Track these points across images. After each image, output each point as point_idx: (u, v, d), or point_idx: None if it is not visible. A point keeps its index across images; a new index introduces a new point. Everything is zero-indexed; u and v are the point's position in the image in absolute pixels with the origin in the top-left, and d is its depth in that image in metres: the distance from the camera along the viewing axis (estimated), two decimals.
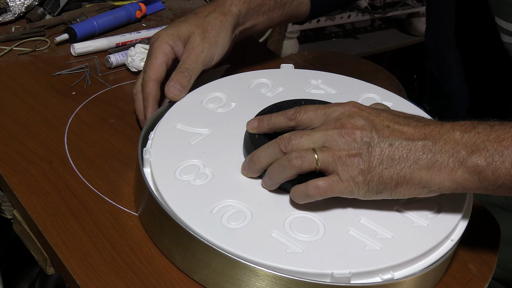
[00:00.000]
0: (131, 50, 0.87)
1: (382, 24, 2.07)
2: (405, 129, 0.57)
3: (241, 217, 0.58)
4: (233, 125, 0.69)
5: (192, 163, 0.64)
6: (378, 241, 0.57)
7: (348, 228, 0.58)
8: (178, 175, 0.62)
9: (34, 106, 0.79)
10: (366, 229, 0.58)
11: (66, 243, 0.60)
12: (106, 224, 0.63)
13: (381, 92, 0.77)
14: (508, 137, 0.54)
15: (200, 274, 0.57)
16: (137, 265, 0.59)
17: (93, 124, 0.78)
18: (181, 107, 0.72)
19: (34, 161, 0.70)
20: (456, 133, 0.55)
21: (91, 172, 0.70)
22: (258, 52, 1.01)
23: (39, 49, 0.91)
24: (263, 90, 0.75)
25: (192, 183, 0.61)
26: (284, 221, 0.58)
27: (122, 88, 0.86)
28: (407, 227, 0.59)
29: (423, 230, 0.58)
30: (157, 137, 0.67)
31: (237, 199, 0.60)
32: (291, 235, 0.57)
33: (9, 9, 0.94)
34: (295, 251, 0.55)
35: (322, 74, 0.79)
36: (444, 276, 0.63)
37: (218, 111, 0.71)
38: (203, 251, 0.55)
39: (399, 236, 0.58)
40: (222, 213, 0.58)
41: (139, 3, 1.02)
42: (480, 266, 0.65)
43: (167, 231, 0.58)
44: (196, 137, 0.67)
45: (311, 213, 0.59)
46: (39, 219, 0.63)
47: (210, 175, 0.62)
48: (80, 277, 0.57)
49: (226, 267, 0.54)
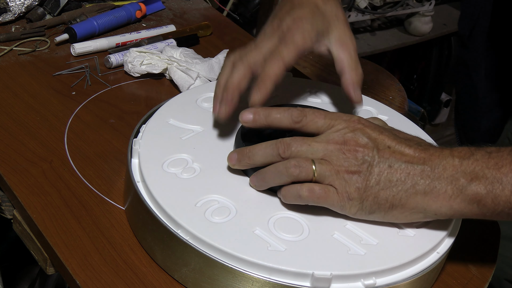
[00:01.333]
0: (128, 57, 0.87)
1: (382, 24, 2.07)
2: (406, 151, 0.56)
3: (225, 212, 0.57)
4: (226, 124, 0.68)
5: (181, 157, 0.64)
6: (362, 247, 0.56)
7: (333, 232, 0.57)
8: (165, 167, 0.62)
9: (34, 106, 0.79)
10: (351, 234, 0.57)
11: (66, 243, 0.60)
12: (106, 224, 0.63)
13: (376, 106, 0.76)
14: (506, 163, 0.53)
15: (179, 272, 0.56)
16: (137, 265, 0.59)
17: (93, 124, 0.78)
18: (176, 104, 0.72)
19: (34, 161, 0.70)
20: (455, 159, 0.55)
21: (91, 172, 0.70)
22: None
23: (39, 49, 0.91)
24: None
25: (179, 176, 0.61)
26: (269, 220, 0.58)
27: (122, 88, 0.86)
28: (394, 235, 0.58)
29: (409, 239, 0.58)
30: (148, 130, 0.67)
31: (223, 194, 0.59)
32: (274, 233, 0.56)
33: (9, 9, 0.94)
34: (277, 249, 0.54)
35: (320, 84, 0.79)
36: (444, 276, 0.63)
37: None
38: (183, 250, 0.55)
39: (384, 243, 0.57)
40: (207, 207, 0.58)
41: (139, 3, 1.02)
42: (480, 266, 0.65)
43: (149, 228, 0.58)
44: (187, 133, 0.67)
45: (297, 214, 0.59)
46: (39, 219, 0.63)
47: (198, 169, 0.62)
48: (80, 277, 0.57)
49: (204, 267, 0.54)
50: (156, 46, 0.92)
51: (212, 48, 0.99)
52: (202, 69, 0.85)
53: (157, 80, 0.89)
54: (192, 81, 0.84)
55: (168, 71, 0.87)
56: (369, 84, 1.13)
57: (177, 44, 0.95)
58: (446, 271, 0.64)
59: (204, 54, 0.91)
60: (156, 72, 0.87)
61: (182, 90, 0.85)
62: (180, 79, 0.85)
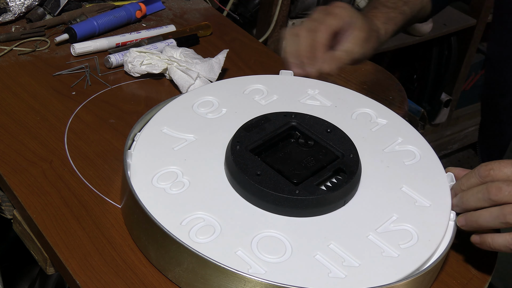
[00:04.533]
0: (128, 57, 0.87)
1: None
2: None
3: (209, 231, 0.57)
4: (219, 133, 0.68)
5: (171, 169, 0.64)
6: (343, 269, 0.56)
7: (316, 252, 0.57)
8: (155, 181, 0.62)
9: (34, 106, 0.79)
10: (334, 255, 0.57)
11: (66, 243, 0.60)
12: (106, 224, 0.63)
13: (376, 107, 0.76)
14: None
15: (173, 272, 0.57)
16: (137, 265, 0.59)
17: (93, 124, 0.78)
18: (172, 110, 0.71)
19: (34, 161, 0.70)
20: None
21: (91, 172, 0.70)
22: (258, 52, 1.01)
23: (39, 49, 0.91)
24: (257, 97, 0.75)
25: (168, 191, 0.61)
26: (252, 239, 0.57)
27: (122, 88, 0.86)
28: (377, 255, 0.58)
29: (393, 260, 0.57)
30: (141, 140, 0.67)
31: (209, 211, 0.59)
32: (257, 254, 0.56)
33: (9, 9, 0.94)
34: (257, 271, 0.54)
35: (321, 84, 0.78)
36: (444, 276, 0.63)
37: (208, 117, 0.71)
38: (176, 249, 0.55)
39: (367, 264, 0.57)
40: (192, 225, 0.58)
41: (139, 3, 1.02)
42: (480, 266, 0.65)
43: (143, 227, 0.58)
44: (180, 142, 0.67)
45: (281, 233, 0.58)
46: (39, 219, 0.63)
47: (187, 183, 0.62)
48: (80, 277, 0.57)
49: (197, 267, 0.54)
50: (156, 46, 0.92)
51: (212, 48, 0.99)
52: (202, 69, 0.85)
53: (157, 80, 0.89)
54: (192, 81, 0.84)
55: (168, 71, 0.87)
56: (369, 84, 1.13)
57: (177, 44, 0.95)
58: (446, 271, 0.64)
59: (204, 54, 0.91)
60: (156, 72, 0.87)
61: (182, 90, 0.85)
62: (180, 79, 0.85)
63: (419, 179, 0.66)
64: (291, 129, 0.68)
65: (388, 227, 0.60)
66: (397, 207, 0.62)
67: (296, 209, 0.60)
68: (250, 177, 0.60)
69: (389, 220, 0.61)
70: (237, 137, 0.65)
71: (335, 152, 0.65)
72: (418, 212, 0.62)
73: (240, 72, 0.94)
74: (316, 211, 0.60)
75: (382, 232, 0.60)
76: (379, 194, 0.64)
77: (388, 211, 0.62)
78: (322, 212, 0.61)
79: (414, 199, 0.63)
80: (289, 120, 0.68)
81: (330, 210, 0.61)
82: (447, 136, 2.19)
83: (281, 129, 0.67)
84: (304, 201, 0.59)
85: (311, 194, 0.60)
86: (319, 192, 0.60)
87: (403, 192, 0.64)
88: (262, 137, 0.66)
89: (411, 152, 0.69)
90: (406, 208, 0.62)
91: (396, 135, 0.71)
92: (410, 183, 0.65)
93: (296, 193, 0.59)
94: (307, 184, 0.61)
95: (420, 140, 0.71)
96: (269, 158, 0.64)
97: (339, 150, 0.65)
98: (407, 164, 0.68)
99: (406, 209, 0.62)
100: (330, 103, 0.75)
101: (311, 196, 0.60)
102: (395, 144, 0.70)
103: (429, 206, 0.63)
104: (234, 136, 0.65)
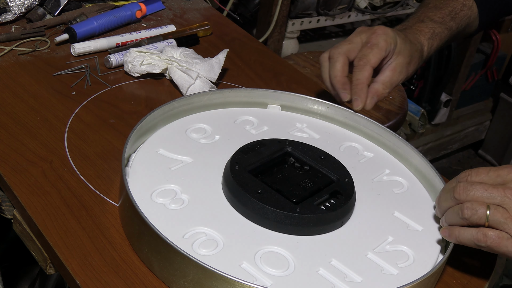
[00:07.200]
0: (128, 57, 0.87)
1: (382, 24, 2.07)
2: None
3: (212, 245, 0.58)
4: (215, 156, 0.69)
5: (169, 187, 0.64)
6: (346, 284, 0.57)
7: (318, 268, 0.58)
8: (154, 197, 0.62)
9: (34, 106, 0.79)
10: (336, 271, 0.58)
11: (66, 243, 0.60)
12: (106, 224, 0.63)
13: (362, 142, 0.78)
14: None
15: (178, 284, 0.57)
16: (137, 265, 0.59)
17: (93, 124, 0.78)
18: (165, 134, 0.72)
19: (34, 161, 0.70)
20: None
21: (91, 172, 0.70)
22: (258, 52, 1.01)
23: (39, 49, 0.91)
24: (248, 127, 0.76)
25: (167, 207, 0.62)
26: (255, 254, 0.58)
27: (122, 88, 0.86)
28: (377, 273, 0.59)
29: (392, 278, 0.59)
30: (138, 159, 0.67)
31: (210, 227, 0.60)
32: (261, 267, 0.57)
33: (9, 9, 0.94)
34: (263, 283, 0.55)
35: (308, 119, 0.80)
36: (444, 276, 0.63)
37: (201, 142, 0.72)
38: (181, 261, 0.55)
39: (368, 281, 0.58)
40: (194, 239, 0.58)
41: (139, 3, 1.02)
42: (480, 266, 0.65)
43: (146, 239, 0.58)
44: (177, 163, 0.68)
45: (283, 249, 0.59)
46: (39, 219, 0.63)
47: (187, 201, 0.63)
48: (80, 277, 0.57)
49: (203, 278, 0.54)
50: (156, 46, 0.92)
51: (212, 48, 0.99)
52: (202, 69, 0.85)
53: (157, 80, 0.89)
54: (192, 81, 0.84)
55: (168, 71, 0.87)
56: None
57: (177, 44, 0.95)
58: (446, 271, 0.64)
59: (204, 54, 0.91)
60: (156, 72, 0.87)
61: (182, 90, 0.85)
62: (180, 79, 0.85)
63: (408, 207, 0.68)
64: (286, 155, 0.70)
65: (385, 248, 0.62)
66: (392, 230, 0.64)
67: (297, 226, 0.61)
68: (251, 194, 0.61)
69: (385, 242, 0.63)
70: (235, 158, 0.66)
71: (330, 176, 0.67)
72: (411, 235, 0.64)
73: (240, 72, 0.94)
74: (316, 230, 0.62)
75: (380, 252, 0.61)
76: (374, 218, 0.66)
77: (384, 233, 0.64)
78: (321, 232, 0.62)
79: (406, 223, 0.66)
80: (283, 146, 0.70)
81: (328, 230, 0.63)
82: (447, 136, 2.19)
83: (276, 153, 0.69)
84: (305, 219, 0.61)
85: (312, 213, 0.61)
86: (319, 211, 0.62)
87: (395, 217, 0.67)
88: (259, 159, 0.67)
89: (399, 183, 0.72)
90: (400, 232, 0.65)
91: (383, 167, 0.74)
92: (401, 209, 0.67)
93: (297, 211, 0.61)
94: (307, 204, 0.62)
95: (406, 172, 0.74)
96: (268, 179, 0.66)
97: (334, 175, 0.67)
98: (396, 192, 0.70)
99: (400, 232, 0.64)
100: (318, 136, 0.77)
101: (312, 214, 0.61)
102: (383, 174, 0.73)
103: (421, 230, 0.65)
104: (232, 158, 0.66)
